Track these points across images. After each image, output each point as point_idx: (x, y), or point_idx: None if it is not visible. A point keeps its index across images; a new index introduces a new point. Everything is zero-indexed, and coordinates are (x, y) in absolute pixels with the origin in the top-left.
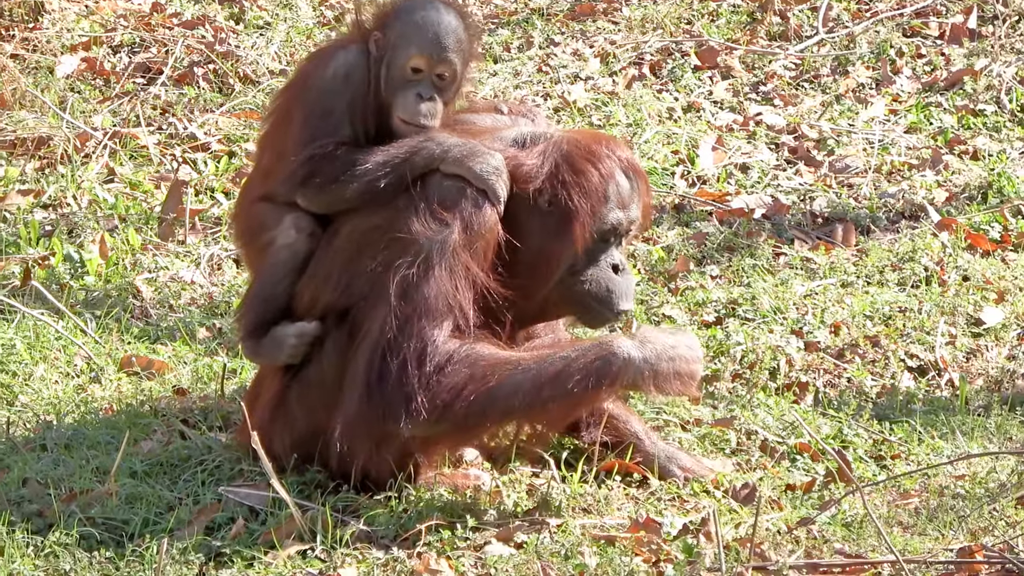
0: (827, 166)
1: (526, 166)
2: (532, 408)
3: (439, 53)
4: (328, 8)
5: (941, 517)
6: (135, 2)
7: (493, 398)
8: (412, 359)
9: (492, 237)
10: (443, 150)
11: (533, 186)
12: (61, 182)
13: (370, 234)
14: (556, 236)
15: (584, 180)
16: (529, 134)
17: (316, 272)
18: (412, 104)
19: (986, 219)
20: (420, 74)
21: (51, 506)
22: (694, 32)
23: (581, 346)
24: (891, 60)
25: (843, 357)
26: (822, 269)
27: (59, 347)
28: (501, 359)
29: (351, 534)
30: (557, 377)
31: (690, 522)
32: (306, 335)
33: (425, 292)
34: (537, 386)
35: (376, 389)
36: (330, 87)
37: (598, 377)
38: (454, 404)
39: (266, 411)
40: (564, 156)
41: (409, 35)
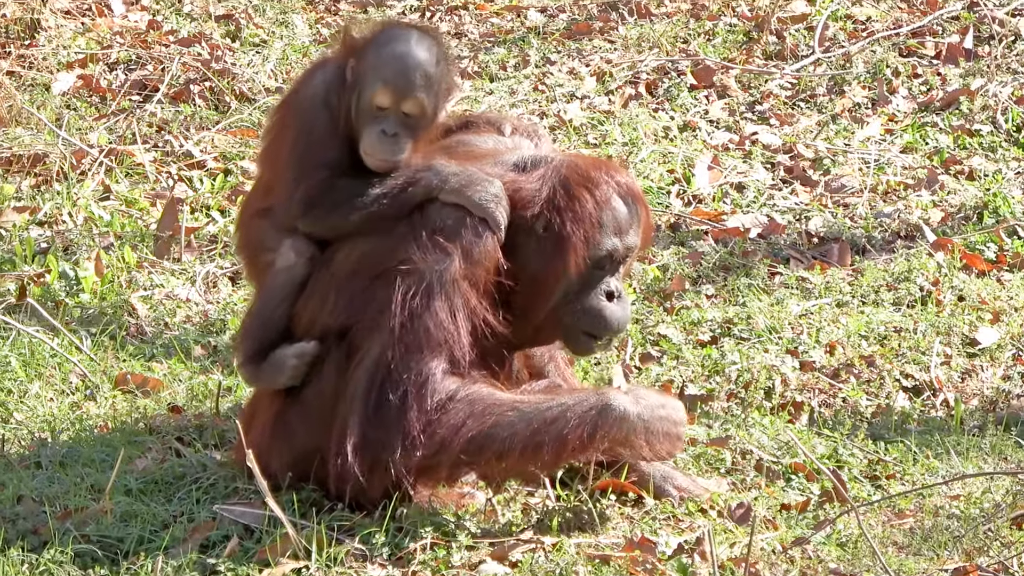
0: (823, 186)
1: (524, 191)
2: (527, 452)
3: (405, 91)
4: (324, 26)
5: (936, 537)
6: (131, 19)
7: (490, 438)
8: (412, 392)
9: (492, 265)
10: (441, 179)
11: (531, 211)
12: (57, 199)
13: (370, 258)
14: (551, 262)
15: (578, 206)
16: (530, 158)
17: (314, 293)
18: (375, 140)
19: (981, 239)
20: (386, 110)
21: (46, 523)
22: (690, 51)
23: (579, 395)
24: (887, 80)
25: (838, 377)
26: (817, 289)
27: (54, 364)
28: (500, 400)
29: (346, 552)
30: (553, 424)
31: (685, 541)
32: (305, 355)
33: (426, 323)
34: (533, 431)
35: (374, 418)
36: (310, 106)
37: (593, 428)
38: (451, 441)
39: (264, 430)
40: (561, 181)
41: (376, 69)
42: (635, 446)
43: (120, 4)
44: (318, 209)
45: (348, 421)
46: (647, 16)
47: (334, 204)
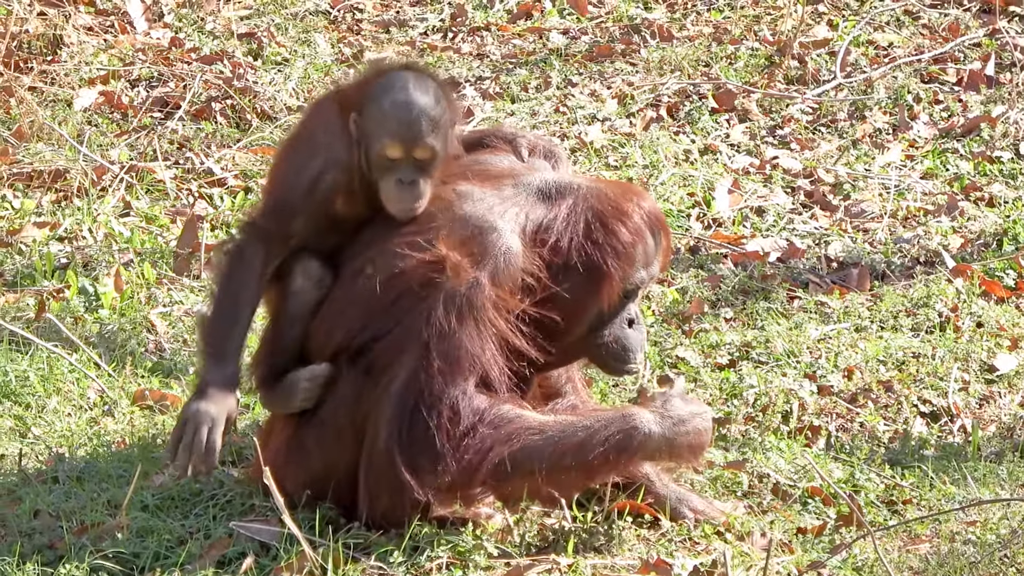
0: (843, 211)
1: (557, 224)
2: (552, 474)
3: (414, 141)
4: (346, 45)
5: (952, 563)
6: (154, 37)
7: (516, 461)
8: (443, 418)
9: (517, 286)
10: None
11: (562, 244)
12: (77, 215)
13: (388, 275)
14: (584, 293)
15: (615, 240)
16: (554, 184)
17: (329, 313)
18: (394, 191)
19: (1001, 266)
20: (398, 160)
21: (62, 538)
22: (712, 75)
23: (604, 416)
24: (908, 106)
25: (856, 402)
26: (836, 313)
27: (72, 380)
28: (527, 423)
29: (362, 571)
30: (579, 447)
31: (701, 564)
32: (318, 377)
33: (456, 347)
34: (559, 454)
35: (405, 443)
36: (295, 184)
37: (618, 451)
38: (480, 466)
39: (279, 451)
40: (595, 214)
41: (381, 123)
42: (659, 461)
43: (143, 21)
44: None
45: (378, 443)
46: (669, 39)
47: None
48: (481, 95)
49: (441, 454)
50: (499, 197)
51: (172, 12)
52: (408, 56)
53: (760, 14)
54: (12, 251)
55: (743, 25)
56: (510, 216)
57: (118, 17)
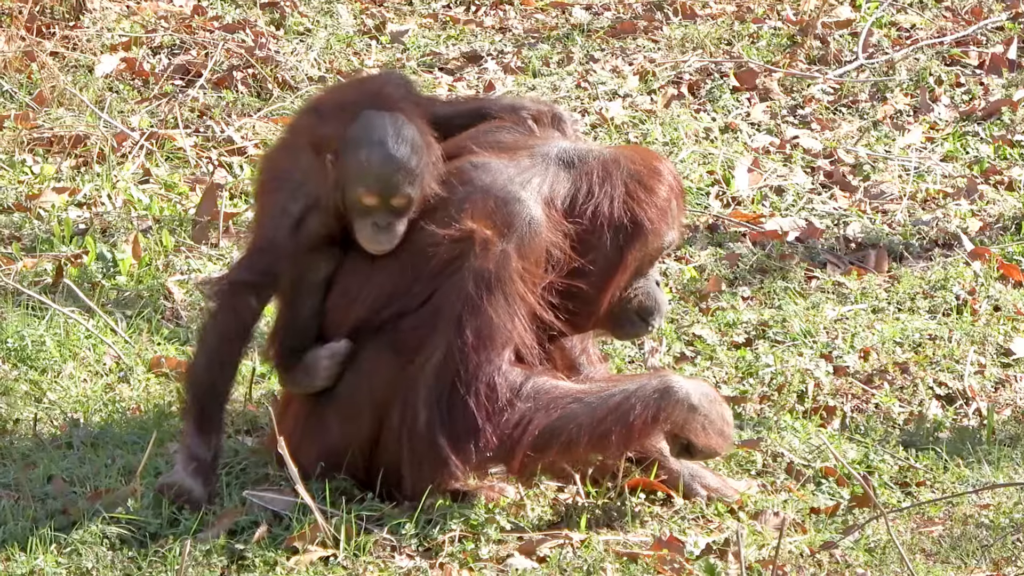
0: (862, 191)
1: (590, 199)
2: (593, 440)
3: (389, 192)
4: (369, 16)
5: (964, 546)
6: (176, 4)
7: (556, 431)
8: (481, 395)
9: (543, 257)
10: None
11: (601, 209)
12: (96, 181)
13: (416, 252)
14: (623, 254)
15: (656, 198)
16: (573, 150)
17: (348, 287)
18: (369, 234)
19: (1019, 250)
20: (374, 208)
21: (75, 504)
22: (734, 53)
23: (639, 380)
24: (930, 88)
25: (871, 383)
26: (854, 294)
27: (89, 346)
28: (564, 391)
29: (374, 542)
30: (617, 410)
31: (713, 542)
32: (337, 355)
33: (487, 322)
34: (599, 420)
35: (446, 422)
36: (279, 226)
37: (656, 410)
38: (521, 438)
39: (297, 424)
40: (632, 174)
41: (359, 173)
42: (692, 431)
43: None
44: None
45: (418, 425)
46: (692, 17)
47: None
48: (503, 69)
49: (482, 430)
50: (517, 168)
51: None
52: (389, 65)
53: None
54: (31, 216)
55: (766, 4)
56: (533, 186)
57: None
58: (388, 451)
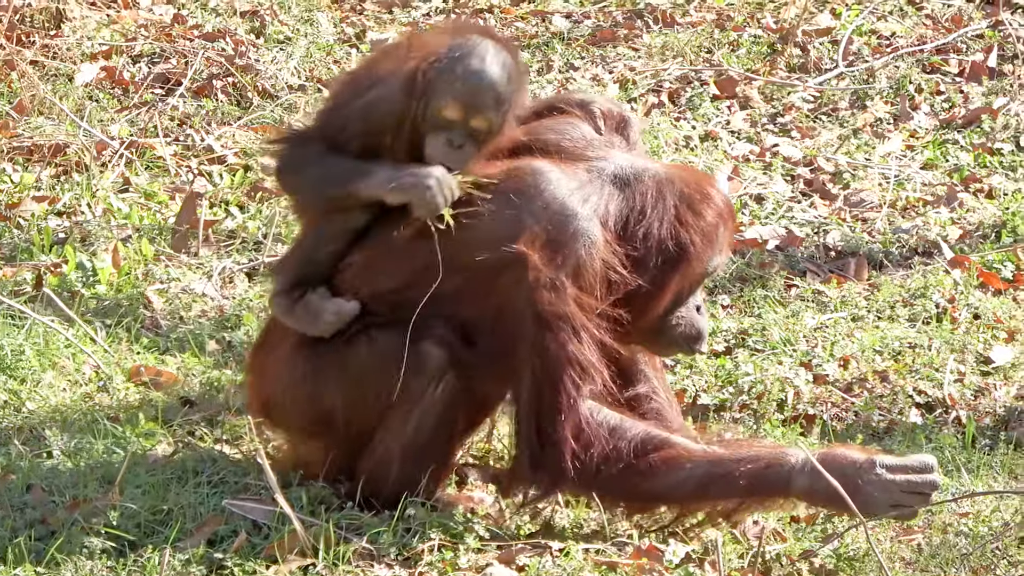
0: (842, 200)
1: (642, 221)
2: (688, 507)
3: (475, 108)
4: (349, 25)
5: (944, 554)
6: (156, 13)
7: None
8: (567, 429)
9: (599, 279)
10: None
11: (652, 232)
12: (76, 190)
13: (459, 244)
14: (669, 277)
15: (704, 223)
16: (630, 170)
17: (374, 256)
18: (440, 148)
19: (999, 258)
20: (453, 123)
21: (54, 513)
22: (714, 61)
23: (755, 451)
24: (910, 96)
25: (851, 391)
26: (833, 302)
27: (68, 355)
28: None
29: (353, 551)
30: (726, 480)
31: (692, 551)
32: (344, 315)
33: (563, 354)
34: (703, 482)
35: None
36: (353, 112)
37: (761, 504)
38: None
39: (280, 375)
40: (683, 197)
41: (448, 83)
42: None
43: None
44: (282, 155)
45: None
46: (672, 25)
47: (295, 164)
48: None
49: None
50: (577, 181)
51: None
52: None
53: (763, 1)
54: (11, 225)
55: (746, 12)
56: (591, 204)
57: None
58: (379, 455)
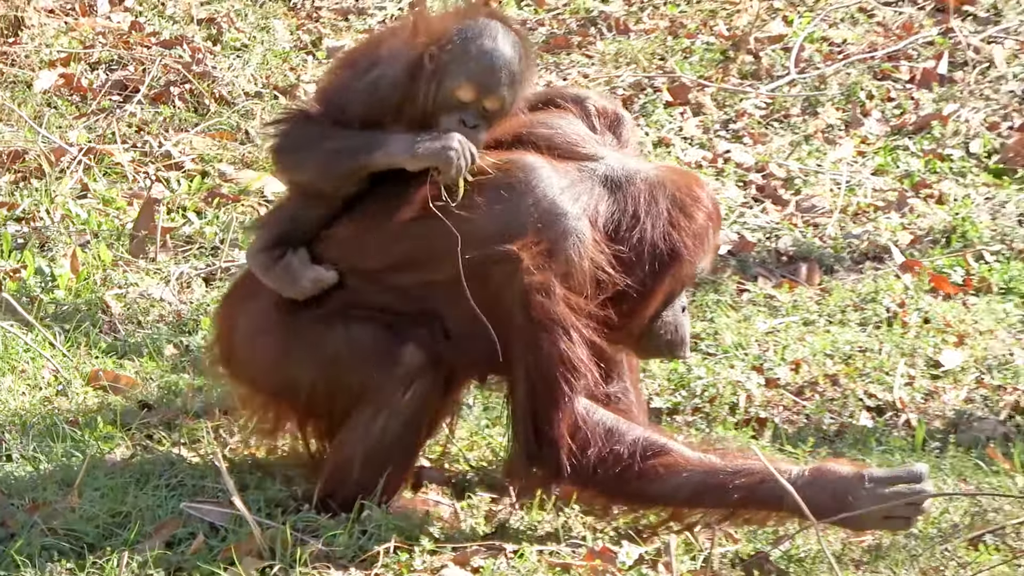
0: (794, 205)
1: (634, 225)
2: (681, 510)
3: (489, 88)
4: (305, 32)
5: (893, 556)
6: (114, 20)
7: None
8: (565, 440)
9: (588, 280)
10: (406, 149)
11: (645, 235)
12: (35, 196)
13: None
14: (659, 279)
15: (695, 225)
16: (621, 172)
17: (361, 232)
18: (455, 129)
19: (949, 263)
20: (467, 104)
21: (14, 516)
22: (667, 68)
23: (749, 464)
24: (861, 103)
25: (802, 394)
26: (785, 307)
27: (27, 359)
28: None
29: (310, 554)
30: (720, 490)
31: (645, 552)
32: (322, 283)
33: (555, 352)
34: (697, 490)
35: (536, 450)
36: (358, 89)
37: (753, 515)
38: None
39: (249, 334)
40: (674, 201)
41: (461, 63)
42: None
43: (104, 3)
44: (285, 136)
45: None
46: (625, 32)
47: (297, 140)
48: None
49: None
50: (568, 179)
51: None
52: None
53: (716, 9)
54: None
55: (699, 19)
56: (581, 204)
57: (79, 0)
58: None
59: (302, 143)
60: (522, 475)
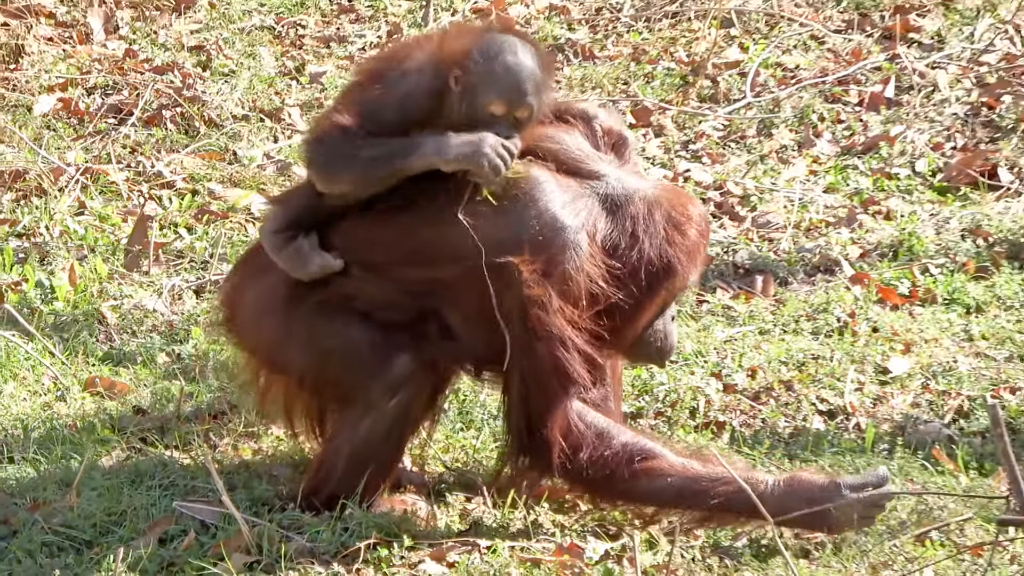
0: (750, 221)
1: (632, 243)
2: (665, 511)
3: (519, 99)
4: (289, 59)
5: (845, 551)
6: (109, 48)
7: (635, 498)
8: (557, 446)
9: (585, 292)
10: (440, 150)
11: (643, 251)
12: (35, 213)
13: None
14: (654, 293)
15: (688, 242)
16: (622, 190)
17: (374, 228)
18: None
19: (896, 275)
20: (499, 117)
21: (16, 514)
22: (630, 92)
23: (727, 472)
24: (813, 124)
25: (758, 399)
26: (742, 317)
27: (28, 367)
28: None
29: (295, 550)
30: (701, 495)
31: (611, 548)
32: (328, 269)
33: (550, 360)
34: (679, 494)
35: (529, 447)
36: (390, 104)
37: (732, 520)
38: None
39: (253, 307)
40: (669, 219)
41: (490, 81)
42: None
43: (100, 32)
44: (321, 150)
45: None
46: (591, 58)
47: (339, 150)
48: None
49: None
50: (571, 194)
51: (127, 25)
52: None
53: (676, 36)
54: None
55: (660, 47)
56: (580, 218)
57: (77, 29)
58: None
59: (339, 156)
60: (516, 470)
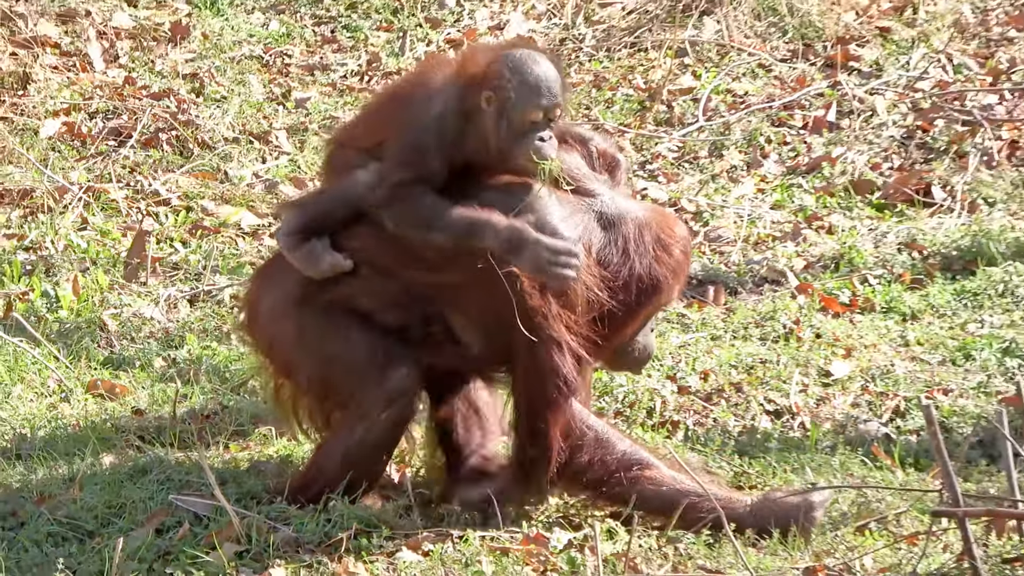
0: (702, 235)
1: (623, 258)
2: (651, 513)
3: (553, 102)
4: (276, 86)
5: (791, 541)
6: (110, 75)
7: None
8: (557, 430)
9: (581, 297)
10: (511, 246)
11: (634, 268)
12: (41, 228)
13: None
14: (641, 305)
15: (673, 260)
16: (615, 209)
17: (385, 237)
18: (540, 147)
19: (838, 285)
20: (539, 123)
21: (23, 507)
22: (592, 116)
23: (713, 492)
24: (760, 146)
25: (710, 400)
26: (695, 324)
27: (35, 371)
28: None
29: (282, 540)
30: (688, 509)
31: (574, 538)
32: (339, 268)
33: (550, 364)
34: (668, 504)
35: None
36: (427, 126)
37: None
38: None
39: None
40: (656, 239)
41: (525, 94)
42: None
43: (101, 62)
44: (400, 210)
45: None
46: None
47: (414, 215)
48: None
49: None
50: (568, 209)
51: (126, 54)
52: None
53: (634, 65)
54: None
55: (619, 74)
56: (578, 232)
57: (79, 58)
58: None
59: (416, 218)
60: (519, 465)
